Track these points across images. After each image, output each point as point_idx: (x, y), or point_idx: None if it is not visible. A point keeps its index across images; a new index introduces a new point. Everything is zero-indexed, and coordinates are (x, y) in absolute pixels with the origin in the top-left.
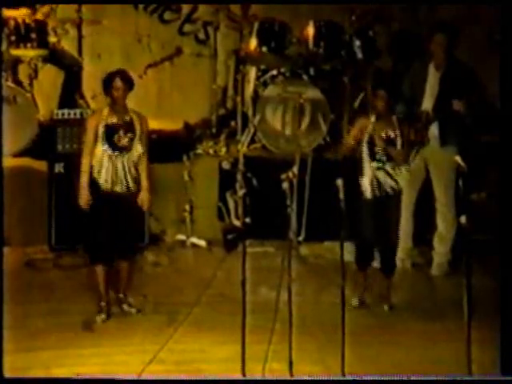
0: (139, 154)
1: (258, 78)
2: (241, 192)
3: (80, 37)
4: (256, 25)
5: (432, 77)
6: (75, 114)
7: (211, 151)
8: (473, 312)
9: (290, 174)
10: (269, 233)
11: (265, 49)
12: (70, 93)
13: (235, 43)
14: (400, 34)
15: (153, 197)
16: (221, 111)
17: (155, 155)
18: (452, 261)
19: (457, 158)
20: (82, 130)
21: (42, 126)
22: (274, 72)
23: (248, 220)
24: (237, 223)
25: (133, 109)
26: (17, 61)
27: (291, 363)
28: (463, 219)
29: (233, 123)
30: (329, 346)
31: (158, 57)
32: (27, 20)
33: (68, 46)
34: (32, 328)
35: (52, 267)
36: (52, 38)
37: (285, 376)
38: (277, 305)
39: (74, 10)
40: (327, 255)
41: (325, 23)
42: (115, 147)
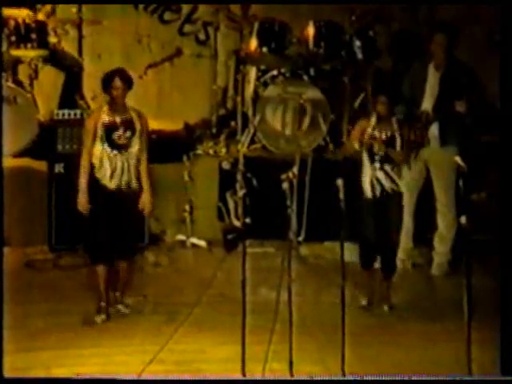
0: (138, 151)
1: (258, 79)
2: (241, 192)
3: (80, 37)
4: (256, 25)
5: (432, 77)
6: (75, 115)
7: (211, 151)
8: (473, 312)
9: (290, 174)
10: (269, 233)
11: (265, 49)
12: (71, 93)
13: (235, 43)
14: (400, 34)
15: (153, 197)
16: (221, 111)
17: (155, 155)
18: (452, 261)
19: (457, 159)
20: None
21: (42, 127)
22: (274, 72)
23: (248, 220)
24: (237, 223)
25: (132, 107)
26: (17, 61)
27: (291, 363)
28: (463, 219)
29: (233, 123)
30: (329, 346)
31: (158, 57)
32: (27, 20)
33: (68, 47)
34: (32, 328)
35: (52, 267)
36: (52, 39)
37: (285, 376)
38: (277, 305)
39: (74, 11)
40: (327, 255)
41: (325, 23)
42: (114, 145)
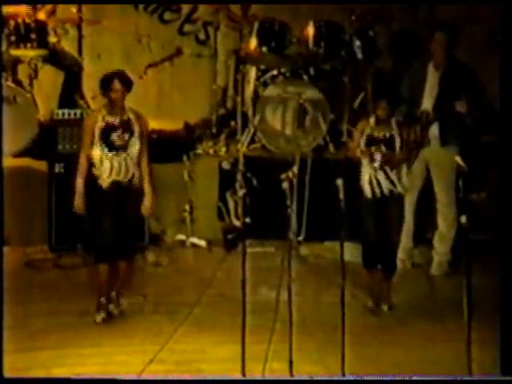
0: (137, 152)
1: (258, 78)
2: (241, 192)
3: (80, 37)
4: (256, 25)
5: (431, 76)
6: (75, 114)
7: (211, 151)
8: (473, 312)
9: (290, 174)
10: (269, 233)
11: (265, 49)
12: (70, 93)
13: (235, 43)
14: (400, 34)
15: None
16: (221, 111)
17: (155, 155)
18: (452, 261)
19: (457, 159)
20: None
21: (42, 126)
22: (274, 72)
23: (248, 220)
24: (237, 223)
25: (131, 108)
26: (17, 61)
27: (291, 363)
28: (463, 219)
29: (233, 123)
30: (329, 346)
31: (158, 57)
32: (27, 20)
33: (68, 46)
34: (32, 328)
35: (52, 267)
36: (52, 38)
37: (285, 376)
38: (277, 305)
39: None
40: (327, 255)
41: (325, 23)
42: (113, 147)
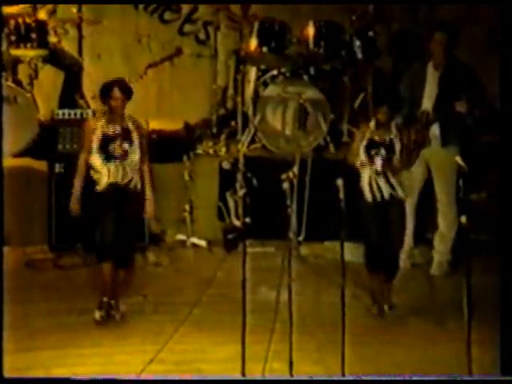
0: (137, 160)
1: (258, 78)
2: (241, 192)
3: (80, 37)
4: (256, 25)
5: (431, 76)
6: (75, 114)
7: (211, 151)
8: (473, 312)
9: (290, 174)
10: (269, 233)
11: (265, 49)
12: (70, 93)
13: (235, 43)
14: (400, 34)
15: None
16: (221, 111)
17: (155, 155)
18: (452, 261)
19: (457, 159)
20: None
21: (43, 126)
22: (274, 72)
23: (248, 220)
24: (237, 223)
25: (131, 116)
26: (17, 61)
27: (291, 363)
28: (463, 219)
29: (233, 123)
30: (329, 346)
31: (158, 57)
32: (27, 20)
33: (68, 46)
34: (32, 328)
35: (52, 267)
36: (52, 38)
37: (285, 376)
38: (277, 305)
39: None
40: (327, 255)
41: (325, 23)
42: (111, 157)
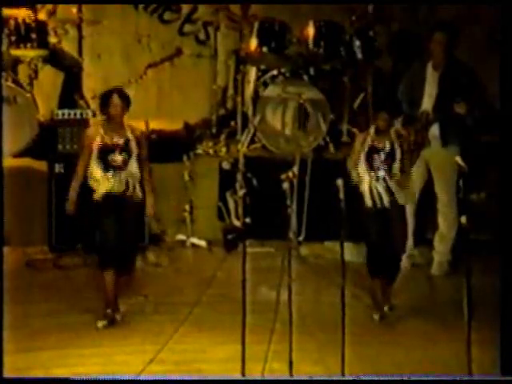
0: (136, 170)
1: (258, 78)
2: (241, 192)
3: (80, 37)
4: (256, 25)
5: (431, 77)
6: (75, 115)
7: (211, 151)
8: (473, 312)
9: (290, 174)
10: (269, 233)
11: (265, 49)
12: (70, 93)
13: (235, 43)
14: (400, 34)
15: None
16: (221, 111)
17: (155, 155)
18: (452, 261)
19: (457, 159)
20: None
21: (43, 126)
22: (274, 72)
23: (248, 220)
24: (237, 223)
25: (130, 125)
26: (17, 61)
27: (291, 363)
28: (464, 219)
29: (233, 123)
30: (329, 346)
31: (158, 57)
32: (27, 20)
33: (68, 47)
34: (32, 328)
35: (52, 267)
36: (52, 39)
37: (285, 376)
38: (277, 305)
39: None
40: (327, 255)
41: (325, 23)
42: (109, 167)
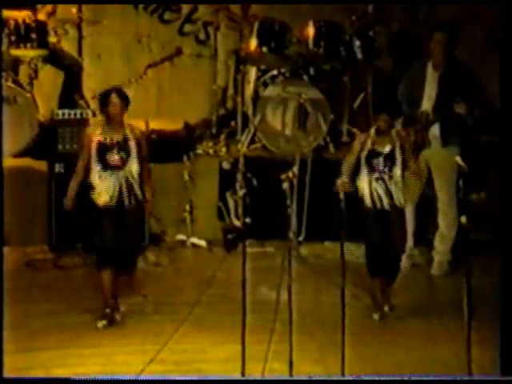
0: (135, 170)
1: (258, 78)
2: (241, 192)
3: (80, 37)
4: (256, 25)
5: (430, 77)
6: (75, 115)
7: (211, 151)
8: (473, 312)
9: (290, 174)
10: (269, 233)
11: (265, 49)
12: (70, 93)
13: (235, 43)
14: (400, 34)
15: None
16: (221, 111)
17: (155, 155)
18: (452, 261)
19: (457, 159)
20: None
21: (43, 126)
22: (274, 72)
23: (248, 220)
24: (237, 223)
25: (130, 124)
26: (17, 61)
27: (291, 363)
28: (463, 219)
29: (233, 123)
30: (329, 346)
31: (158, 57)
32: (27, 20)
33: (68, 47)
34: (32, 328)
35: (52, 267)
36: (52, 38)
37: (285, 376)
38: (277, 305)
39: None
40: (327, 255)
41: (325, 23)
42: (107, 166)
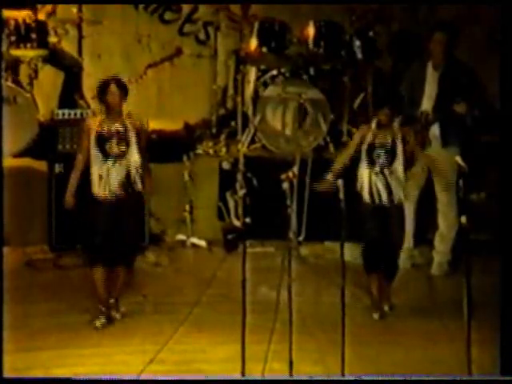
0: (136, 160)
1: (258, 79)
2: (241, 192)
3: (80, 37)
4: (256, 25)
5: (430, 77)
6: (75, 114)
7: (211, 151)
8: (473, 312)
9: (290, 174)
10: (269, 233)
11: (265, 49)
12: (70, 93)
13: (235, 43)
14: (400, 34)
15: (153, 197)
16: (221, 111)
17: (155, 155)
18: (452, 261)
19: (457, 159)
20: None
21: (43, 126)
22: (274, 72)
23: (248, 220)
24: (237, 223)
25: (130, 114)
26: (17, 61)
27: (291, 363)
28: (463, 219)
29: (233, 123)
30: (329, 346)
31: (158, 57)
32: (27, 20)
33: (68, 47)
34: (32, 328)
35: (52, 267)
36: (52, 38)
37: (285, 376)
38: (277, 305)
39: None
40: (327, 255)
41: (325, 23)
42: (107, 155)
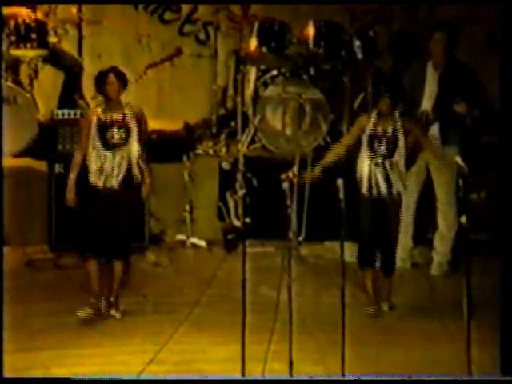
0: (136, 151)
1: (258, 79)
2: (241, 192)
3: (80, 37)
4: (256, 25)
5: (430, 76)
6: (75, 115)
7: (211, 151)
8: (473, 312)
9: (290, 174)
10: (269, 233)
11: (265, 49)
12: (70, 93)
13: (235, 43)
14: (400, 34)
15: (153, 197)
16: (221, 111)
17: (155, 155)
18: (452, 261)
19: (457, 159)
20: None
21: (42, 126)
22: (274, 72)
23: (248, 220)
24: (237, 223)
25: (129, 104)
26: (17, 61)
27: (291, 363)
28: (463, 219)
29: (233, 123)
30: (329, 346)
31: (158, 57)
32: (27, 20)
33: (68, 47)
34: (32, 328)
35: (52, 267)
36: (52, 38)
37: (285, 376)
38: (277, 305)
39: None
40: (327, 255)
41: (325, 23)
42: (108, 144)
